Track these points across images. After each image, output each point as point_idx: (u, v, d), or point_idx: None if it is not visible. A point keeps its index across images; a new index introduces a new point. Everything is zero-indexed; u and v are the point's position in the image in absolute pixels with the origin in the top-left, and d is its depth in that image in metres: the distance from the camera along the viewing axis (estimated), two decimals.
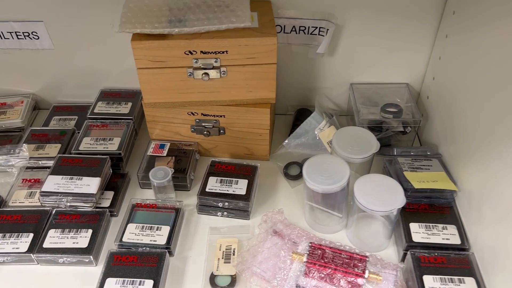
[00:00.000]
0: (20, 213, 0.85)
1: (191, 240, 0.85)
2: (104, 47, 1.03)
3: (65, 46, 1.02)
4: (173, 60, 0.82)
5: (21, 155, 0.94)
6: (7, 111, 1.07)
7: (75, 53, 1.03)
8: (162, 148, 0.97)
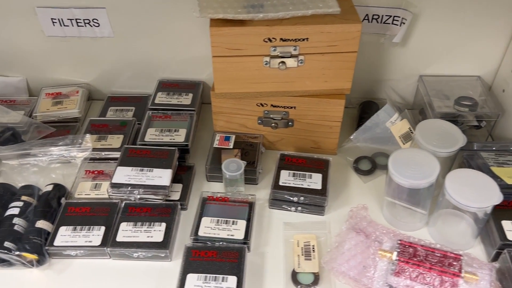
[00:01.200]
0: (89, 205, 0.82)
1: (266, 235, 0.81)
2: (164, 36, 0.99)
3: (124, 35, 0.99)
4: (251, 48, 0.79)
5: (84, 146, 0.91)
6: (63, 100, 1.04)
7: (134, 42, 1.00)
8: (227, 140, 0.93)
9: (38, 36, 1.00)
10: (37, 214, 0.78)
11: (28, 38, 1.01)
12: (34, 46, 1.02)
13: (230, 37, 0.77)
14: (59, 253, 0.76)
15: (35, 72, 1.08)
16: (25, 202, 0.81)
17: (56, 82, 1.09)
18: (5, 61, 1.06)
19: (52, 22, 0.97)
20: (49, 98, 1.04)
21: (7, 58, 1.05)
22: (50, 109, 1.01)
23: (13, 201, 0.81)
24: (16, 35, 1.00)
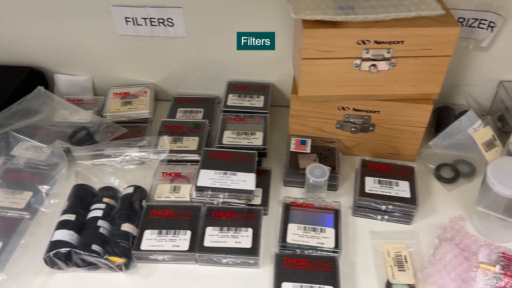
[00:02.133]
0: (171, 209, 0.80)
1: (353, 244, 0.79)
2: (231, 38, 0.97)
3: (197, 35, 0.97)
4: (343, 50, 0.77)
5: (160, 147, 0.90)
6: (133, 101, 1.03)
7: (206, 42, 0.99)
8: (303, 144, 0.91)
9: (109, 35, 0.99)
10: (122, 217, 0.77)
11: (99, 37, 1.00)
12: (104, 45, 1.01)
13: (323, 39, 0.75)
14: (145, 258, 0.75)
15: (101, 71, 1.07)
16: (108, 204, 0.80)
17: (122, 81, 1.08)
18: (73, 60, 1.05)
19: (126, 20, 0.96)
20: (118, 98, 1.03)
21: (75, 57, 1.04)
22: (120, 109, 1.00)
23: (95, 203, 0.80)
24: (87, 34, 0.99)
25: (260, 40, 0.91)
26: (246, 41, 0.91)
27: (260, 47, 0.92)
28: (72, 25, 0.99)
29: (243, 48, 0.92)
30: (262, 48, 0.92)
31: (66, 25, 0.99)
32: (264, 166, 0.91)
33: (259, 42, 0.91)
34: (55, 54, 1.05)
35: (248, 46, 0.92)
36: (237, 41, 0.92)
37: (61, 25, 0.99)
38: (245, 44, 0.92)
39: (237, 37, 0.91)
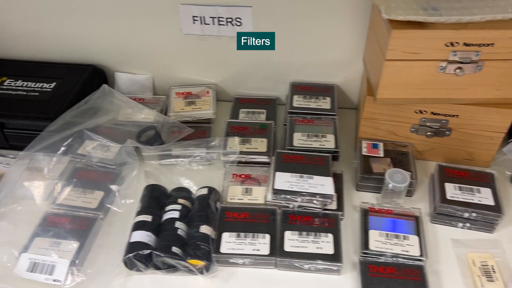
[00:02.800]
0: (247, 211, 0.79)
1: (435, 252, 0.76)
2: (303, 38, 0.96)
3: None
4: (429, 52, 0.74)
5: (229, 148, 0.88)
6: (196, 101, 1.01)
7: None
8: (375, 148, 0.89)
9: (174, 34, 0.98)
10: (200, 218, 0.76)
11: (163, 36, 0.99)
12: (168, 44, 1.00)
13: (411, 40, 0.73)
14: (225, 261, 0.73)
15: (162, 70, 1.06)
16: (183, 206, 0.79)
17: (182, 81, 1.07)
18: (134, 58, 1.04)
19: (193, 19, 0.95)
20: (181, 98, 1.02)
21: (137, 55, 1.03)
22: (184, 109, 0.99)
23: (170, 203, 0.79)
24: (152, 33, 0.98)
25: (260, 40, 0.92)
26: (246, 41, 0.92)
27: (260, 47, 0.93)
28: (137, 24, 0.98)
29: (243, 48, 0.93)
30: (262, 48, 0.93)
31: (131, 24, 0.98)
32: (335, 170, 0.89)
33: (258, 42, 0.92)
34: (116, 52, 1.04)
35: (248, 46, 0.92)
36: (237, 41, 0.93)
37: (125, 24, 0.98)
38: (245, 44, 0.93)
39: (237, 37, 0.92)
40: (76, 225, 0.77)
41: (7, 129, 0.90)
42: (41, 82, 0.98)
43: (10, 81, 0.98)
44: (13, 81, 0.98)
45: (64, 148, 0.86)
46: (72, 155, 0.89)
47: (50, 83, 0.98)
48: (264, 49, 0.94)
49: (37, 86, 0.97)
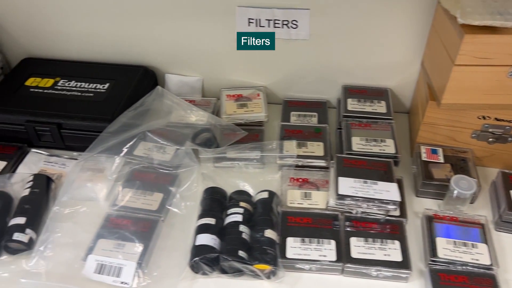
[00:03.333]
0: (309, 216, 0.78)
1: (503, 261, 0.74)
2: (359, 40, 0.95)
3: (320, 38, 0.95)
4: (500, 57, 0.73)
5: (286, 152, 0.88)
6: (247, 103, 1.01)
7: (327, 46, 0.96)
8: (434, 153, 0.88)
9: (228, 36, 0.97)
10: (264, 222, 0.75)
11: (217, 38, 0.98)
12: (221, 46, 1.00)
13: (483, 45, 0.71)
14: (291, 266, 0.73)
15: (213, 72, 1.06)
16: (245, 209, 0.78)
17: (231, 83, 1.06)
18: (186, 60, 1.04)
19: (249, 22, 0.94)
20: (232, 100, 1.01)
21: (189, 57, 1.03)
22: (237, 112, 0.98)
23: (231, 207, 0.79)
24: (205, 35, 0.98)
25: (260, 40, 0.93)
26: (246, 41, 0.94)
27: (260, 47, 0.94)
28: (190, 26, 0.98)
29: (243, 48, 0.94)
30: (262, 48, 0.94)
31: (183, 26, 0.98)
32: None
33: (259, 42, 0.93)
34: (167, 54, 1.04)
35: (248, 46, 0.94)
36: (237, 41, 0.93)
37: (178, 26, 0.98)
38: (244, 44, 0.94)
39: (237, 37, 0.93)
40: (139, 227, 0.77)
41: (64, 129, 0.90)
42: (95, 82, 0.98)
43: (64, 81, 0.99)
44: (67, 81, 0.99)
45: (126, 150, 0.86)
46: (127, 157, 0.89)
47: (103, 84, 0.98)
48: (264, 49, 0.94)
49: (91, 87, 0.97)
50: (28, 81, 0.99)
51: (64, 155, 0.93)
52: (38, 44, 1.07)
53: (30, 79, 0.99)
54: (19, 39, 1.07)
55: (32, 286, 0.69)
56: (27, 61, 1.05)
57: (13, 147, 0.93)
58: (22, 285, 0.70)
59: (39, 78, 0.99)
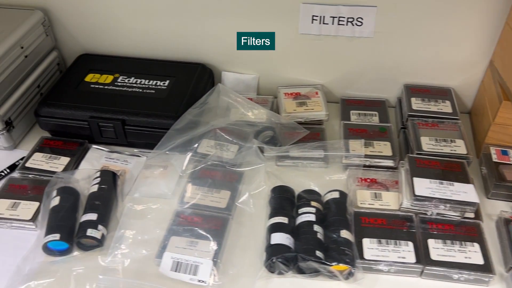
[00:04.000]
0: (383, 217, 0.77)
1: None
2: (424, 39, 0.93)
3: (384, 36, 0.93)
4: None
5: (353, 151, 0.87)
6: (306, 102, 1.00)
7: (390, 44, 0.95)
8: (505, 154, 0.86)
9: (289, 34, 0.96)
10: (341, 223, 0.74)
11: (278, 35, 0.98)
12: (281, 43, 0.98)
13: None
14: (368, 267, 0.71)
15: (269, 69, 1.05)
16: (317, 209, 0.77)
17: (287, 81, 1.05)
18: (242, 58, 1.03)
19: (312, 19, 0.93)
20: (290, 99, 1.00)
21: (245, 55, 1.02)
22: (296, 110, 0.97)
23: (303, 206, 0.78)
24: (268, 31, 0.97)
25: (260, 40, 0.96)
26: (246, 41, 0.96)
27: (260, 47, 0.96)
28: (249, 23, 0.96)
29: (243, 48, 0.97)
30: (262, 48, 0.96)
31: (243, 24, 0.96)
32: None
33: (258, 42, 0.96)
34: (224, 51, 1.03)
35: (248, 46, 0.96)
36: (237, 41, 0.96)
37: (237, 23, 0.97)
38: (244, 44, 0.96)
39: (237, 37, 0.95)
40: (210, 224, 0.76)
41: (128, 126, 0.90)
42: (154, 79, 0.98)
43: (123, 77, 0.98)
44: (126, 77, 0.98)
45: (196, 147, 0.86)
46: (193, 154, 0.89)
47: (163, 81, 0.97)
48: (264, 49, 0.96)
49: (151, 84, 0.97)
50: (87, 77, 0.99)
51: (125, 152, 0.93)
52: (94, 40, 1.07)
53: (89, 75, 0.99)
54: (75, 36, 1.07)
55: (109, 282, 0.69)
56: (84, 57, 1.06)
57: (75, 143, 0.93)
58: (99, 281, 0.70)
59: (98, 74, 0.99)
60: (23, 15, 0.98)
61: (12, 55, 0.91)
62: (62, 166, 0.88)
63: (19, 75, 0.95)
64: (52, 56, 1.05)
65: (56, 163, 0.89)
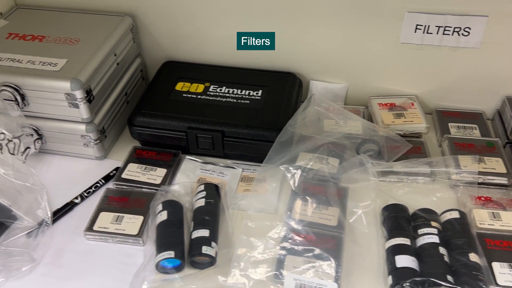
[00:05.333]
0: (509, 239, 0.73)
1: None
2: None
3: (491, 47, 0.89)
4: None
5: (464, 168, 0.83)
6: (403, 113, 0.96)
7: (496, 54, 0.91)
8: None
9: (389, 43, 0.93)
10: (470, 245, 0.70)
11: (376, 45, 0.94)
12: (377, 53, 0.95)
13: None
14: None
15: (360, 79, 1.01)
16: (438, 230, 0.74)
17: (377, 91, 1.02)
18: (334, 66, 1.00)
19: (416, 28, 0.89)
20: (385, 109, 0.97)
21: (337, 63, 1.00)
22: (395, 122, 0.94)
23: (423, 226, 0.74)
24: (361, 41, 0.94)
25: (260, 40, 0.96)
26: (246, 41, 0.96)
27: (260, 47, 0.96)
28: (345, 32, 0.94)
29: (243, 48, 0.96)
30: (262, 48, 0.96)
31: (337, 32, 0.95)
32: None
33: (259, 42, 0.96)
34: (314, 60, 1.00)
35: (248, 46, 0.96)
36: (237, 42, 0.96)
37: (331, 32, 0.95)
38: (245, 44, 0.96)
39: (237, 37, 0.95)
40: (325, 244, 0.73)
41: (226, 137, 0.87)
42: (247, 89, 0.95)
43: (214, 87, 0.96)
44: (217, 87, 0.96)
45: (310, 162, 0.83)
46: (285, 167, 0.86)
47: (256, 91, 0.94)
48: (264, 49, 0.96)
49: (244, 94, 0.94)
50: (177, 86, 0.96)
51: (219, 163, 0.91)
52: (177, 47, 1.05)
53: (179, 83, 0.97)
54: (159, 42, 1.05)
55: None
56: (169, 64, 1.03)
57: (169, 153, 0.91)
58: None
59: (188, 83, 0.97)
60: (114, 21, 0.96)
61: (108, 62, 0.90)
62: (160, 178, 0.86)
63: (112, 83, 0.93)
64: (136, 63, 1.03)
65: (153, 175, 0.87)
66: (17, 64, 0.84)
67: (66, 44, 0.90)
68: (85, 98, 0.82)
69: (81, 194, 0.84)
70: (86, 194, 0.85)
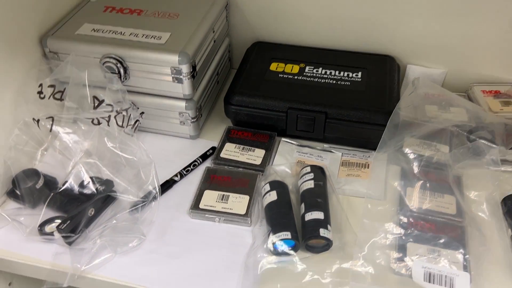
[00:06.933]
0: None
1: None
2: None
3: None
4: None
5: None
6: (511, 101, 0.92)
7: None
8: None
9: (497, 26, 0.88)
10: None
11: (478, 28, 0.89)
12: (480, 37, 0.90)
13: None
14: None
15: (460, 65, 0.96)
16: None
17: (477, 78, 0.96)
18: (433, 51, 0.95)
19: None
20: (490, 97, 0.92)
21: (437, 48, 0.95)
22: (504, 110, 0.89)
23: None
24: (466, 24, 0.89)
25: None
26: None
27: None
28: (449, 16, 0.89)
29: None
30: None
31: (439, 15, 0.90)
32: None
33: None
34: (413, 43, 0.95)
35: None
36: None
37: (432, 13, 0.90)
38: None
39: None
40: (450, 232, 0.69)
41: (330, 119, 0.84)
42: (345, 71, 0.91)
43: (310, 68, 0.92)
44: (313, 68, 0.92)
45: (421, 148, 0.79)
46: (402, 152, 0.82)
47: (355, 73, 0.91)
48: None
49: (343, 75, 0.90)
50: (271, 66, 0.93)
51: (317, 147, 0.88)
52: (267, 27, 1.02)
53: (273, 63, 0.94)
54: (250, 22, 1.02)
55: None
56: (259, 45, 1.00)
57: (265, 135, 0.88)
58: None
59: (282, 63, 0.94)
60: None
61: (208, 39, 0.87)
62: (259, 159, 0.83)
63: (209, 61, 0.91)
64: (226, 42, 1.01)
65: (253, 155, 0.84)
66: (120, 37, 0.82)
67: (166, 18, 0.87)
68: (190, 74, 0.80)
69: (180, 172, 0.82)
70: (185, 172, 0.82)
